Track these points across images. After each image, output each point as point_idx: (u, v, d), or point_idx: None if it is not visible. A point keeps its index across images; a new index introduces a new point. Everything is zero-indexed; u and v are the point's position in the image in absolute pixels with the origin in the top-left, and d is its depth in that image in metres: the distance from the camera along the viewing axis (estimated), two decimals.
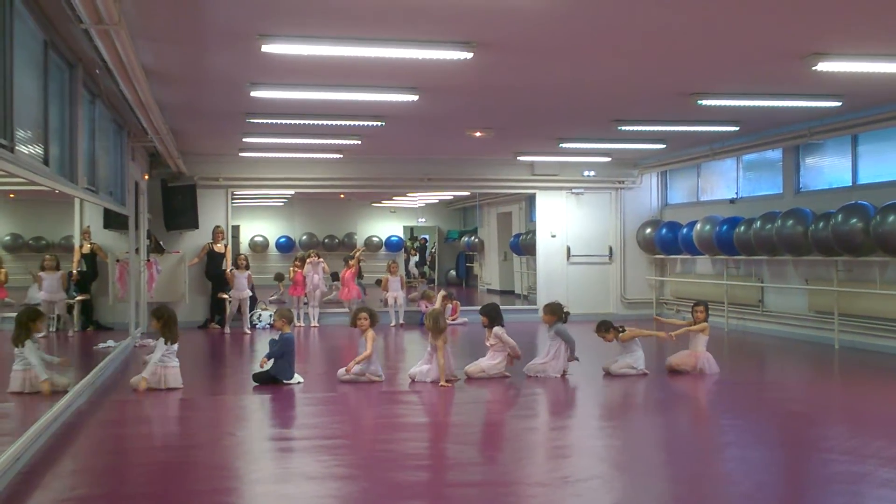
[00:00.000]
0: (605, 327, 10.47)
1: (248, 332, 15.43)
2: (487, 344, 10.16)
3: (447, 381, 9.61)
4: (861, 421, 8.00)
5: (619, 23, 7.46)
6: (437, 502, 5.41)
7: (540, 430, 7.90)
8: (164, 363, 9.24)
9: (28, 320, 8.61)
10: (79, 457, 6.70)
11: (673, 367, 10.38)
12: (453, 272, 27.08)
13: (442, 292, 11.86)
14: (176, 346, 9.36)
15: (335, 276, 19.17)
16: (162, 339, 9.29)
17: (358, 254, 17.93)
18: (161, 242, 15.93)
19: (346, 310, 16.58)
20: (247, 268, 15.80)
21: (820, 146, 13.68)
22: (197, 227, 16.25)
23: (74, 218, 14.40)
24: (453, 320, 16.75)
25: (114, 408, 8.57)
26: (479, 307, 10.90)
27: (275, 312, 10.70)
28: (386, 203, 25.55)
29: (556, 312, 10.31)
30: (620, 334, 10.30)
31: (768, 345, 13.66)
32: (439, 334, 9.71)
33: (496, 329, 10.08)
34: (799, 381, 10.78)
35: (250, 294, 15.74)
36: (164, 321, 9.36)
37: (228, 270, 15.91)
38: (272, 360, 9.63)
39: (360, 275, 18.14)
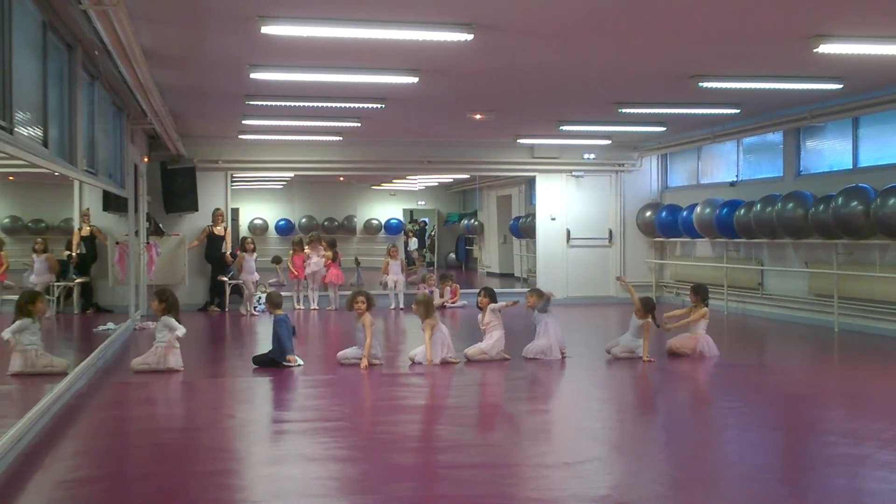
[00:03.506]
0: (650, 307, 10.05)
1: (256, 314, 15.39)
2: (482, 326, 10.16)
3: (449, 361, 9.70)
4: (860, 403, 8.01)
5: (620, 4, 7.42)
6: (437, 484, 5.42)
7: (540, 412, 7.91)
8: (167, 343, 9.26)
9: (25, 303, 8.70)
10: (79, 438, 6.71)
11: (673, 351, 10.38)
12: (453, 255, 27.09)
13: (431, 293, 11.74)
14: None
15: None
16: (172, 319, 9.34)
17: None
18: (160, 225, 15.91)
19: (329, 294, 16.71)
20: (254, 251, 15.78)
21: (821, 129, 13.65)
22: (196, 209, 16.24)
23: (74, 200, 14.38)
24: (452, 303, 16.77)
25: (114, 390, 8.58)
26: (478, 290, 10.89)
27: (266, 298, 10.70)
28: (385, 186, 25.49)
29: (540, 296, 10.33)
30: (645, 320, 10.05)
31: (768, 328, 13.68)
32: (428, 317, 9.81)
33: (491, 305, 10.13)
34: (798, 364, 10.80)
35: (258, 277, 15.76)
36: (168, 305, 9.40)
37: (228, 253, 15.91)
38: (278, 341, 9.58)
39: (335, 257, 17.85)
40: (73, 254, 14.08)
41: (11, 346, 8.60)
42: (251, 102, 11.98)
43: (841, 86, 11.02)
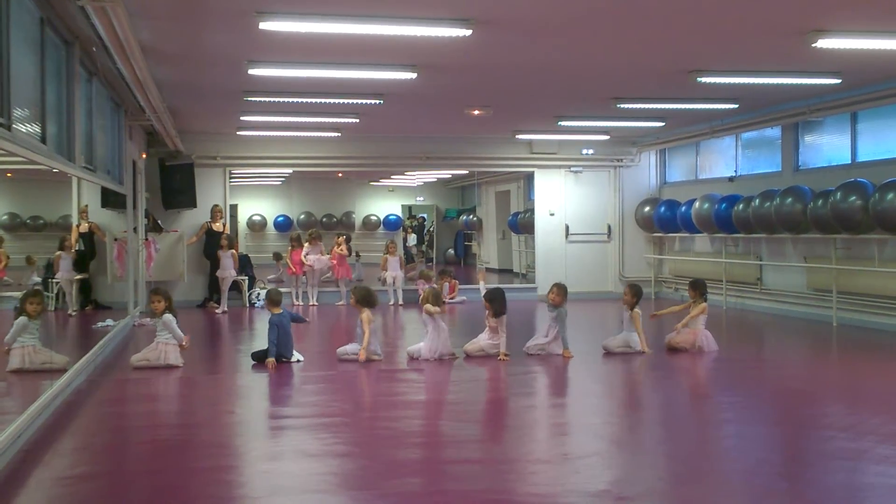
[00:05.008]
0: (635, 292, 10.31)
1: (224, 310, 15.33)
2: (487, 324, 10.12)
3: (450, 356, 9.74)
4: (859, 398, 8.03)
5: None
6: (436, 479, 5.42)
7: (539, 407, 7.93)
8: (167, 340, 9.28)
9: (22, 300, 8.78)
10: (79, 435, 6.72)
11: (672, 345, 10.39)
12: (451, 251, 27.07)
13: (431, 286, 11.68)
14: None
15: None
16: (171, 316, 9.33)
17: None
18: (159, 221, 15.90)
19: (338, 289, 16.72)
20: (230, 247, 15.69)
21: (819, 124, 13.65)
22: (195, 205, 16.22)
23: (72, 197, 14.36)
24: (451, 299, 16.76)
25: (113, 386, 8.59)
26: (478, 286, 10.86)
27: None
28: (384, 182, 25.48)
29: (565, 295, 10.21)
30: (633, 310, 10.20)
31: (767, 322, 13.68)
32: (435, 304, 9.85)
33: (503, 317, 9.98)
34: (797, 359, 10.80)
35: (234, 275, 15.63)
36: (171, 303, 9.42)
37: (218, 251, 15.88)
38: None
39: (350, 253, 17.82)
40: (72, 250, 14.06)
41: (9, 347, 8.65)
42: (249, 99, 11.97)
43: (839, 81, 11.01)
